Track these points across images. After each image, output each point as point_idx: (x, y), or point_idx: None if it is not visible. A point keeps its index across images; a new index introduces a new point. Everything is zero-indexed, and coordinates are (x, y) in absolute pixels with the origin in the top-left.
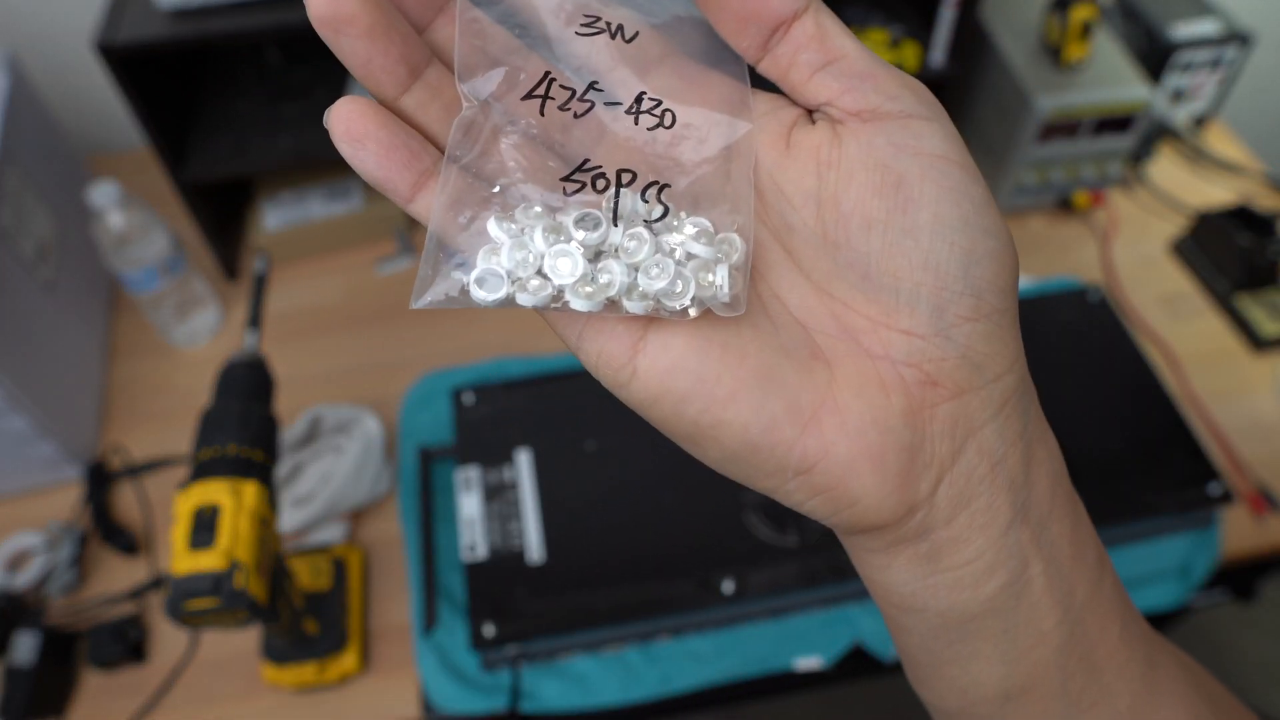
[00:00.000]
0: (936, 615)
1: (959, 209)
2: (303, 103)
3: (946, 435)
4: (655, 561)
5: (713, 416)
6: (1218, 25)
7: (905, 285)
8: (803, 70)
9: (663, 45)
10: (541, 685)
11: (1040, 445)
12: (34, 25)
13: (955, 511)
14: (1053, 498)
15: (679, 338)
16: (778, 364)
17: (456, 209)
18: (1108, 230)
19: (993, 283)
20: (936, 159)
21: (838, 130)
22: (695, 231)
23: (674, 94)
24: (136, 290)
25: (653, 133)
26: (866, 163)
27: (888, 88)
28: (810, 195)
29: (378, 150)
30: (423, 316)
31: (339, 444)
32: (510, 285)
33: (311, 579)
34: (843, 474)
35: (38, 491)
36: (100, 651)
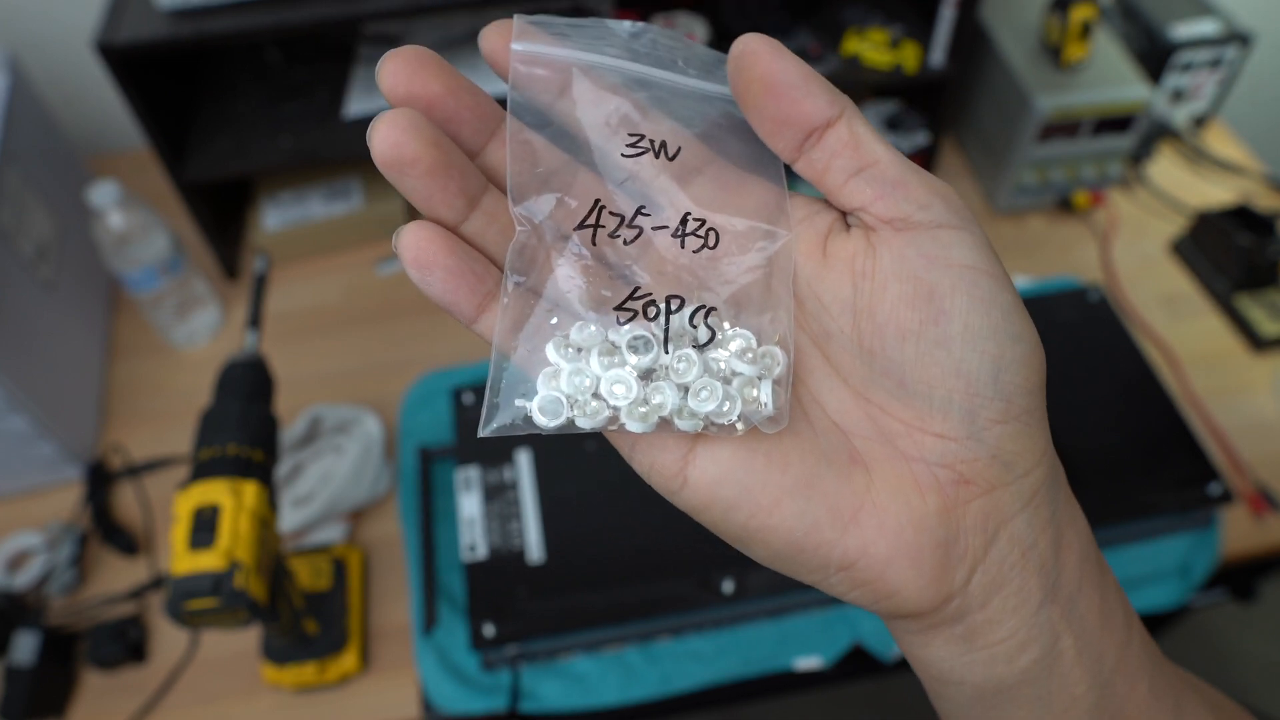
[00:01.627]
0: (973, 688)
1: (989, 318)
2: (303, 103)
3: (979, 529)
4: (655, 561)
5: (759, 522)
6: (1218, 25)
7: (938, 392)
8: (837, 175)
9: (704, 154)
10: (541, 685)
11: (1069, 527)
12: (34, 25)
13: (989, 596)
14: (1081, 573)
15: (725, 450)
16: (818, 471)
17: (516, 331)
18: (1107, 230)
19: (1021, 386)
20: (966, 269)
21: (871, 239)
22: (740, 348)
23: (715, 203)
24: (136, 290)
25: (698, 253)
26: (900, 274)
27: (919, 196)
28: (847, 305)
29: (444, 276)
30: (423, 317)
31: (339, 444)
32: (570, 409)
33: (311, 579)
34: (882, 570)
35: (38, 491)
36: (100, 651)
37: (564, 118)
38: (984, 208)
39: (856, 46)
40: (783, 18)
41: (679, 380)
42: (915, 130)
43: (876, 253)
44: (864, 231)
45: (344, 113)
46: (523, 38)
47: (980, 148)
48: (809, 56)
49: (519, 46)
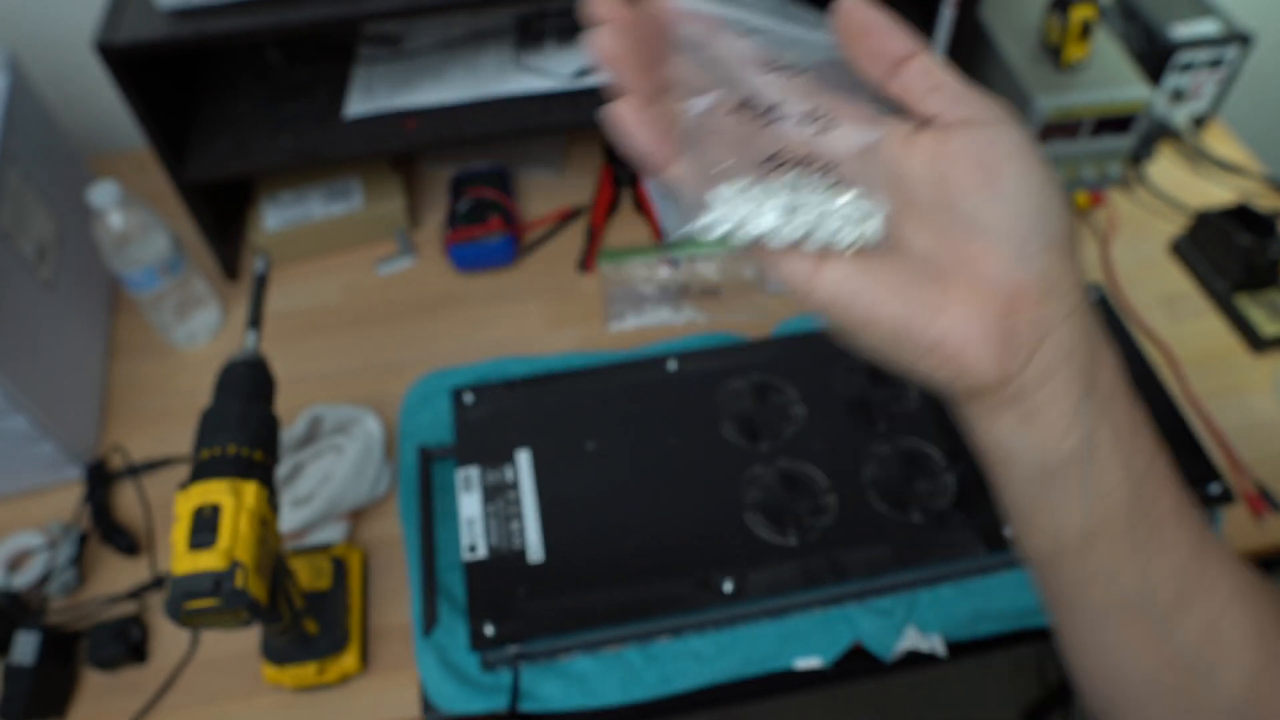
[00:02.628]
0: (1028, 466)
1: (1033, 179)
2: (303, 103)
3: (1032, 330)
4: (655, 561)
5: (869, 316)
6: (1218, 25)
7: (998, 230)
8: (918, 92)
9: (818, 80)
10: (541, 685)
11: (1102, 348)
12: (34, 25)
13: (1041, 384)
14: (1114, 385)
15: (844, 266)
16: (912, 280)
17: (696, 175)
18: (1107, 230)
19: (1058, 227)
20: (1015, 148)
21: (943, 134)
22: (853, 195)
23: (829, 111)
24: (136, 290)
25: (817, 136)
26: (966, 153)
27: (978, 104)
28: (927, 176)
29: (648, 134)
30: (423, 317)
31: (339, 444)
32: (733, 228)
33: (311, 579)
34: (961, 349)
35: (38, 491)
36: (100, 651)
37: (715, 51)
38: None
39: None
40: None
41: (812, 213)
42: None
43: (949, 140)
44: (937, 130)
45: (344, 113)
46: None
47: None
48: None
49: (684, 5)
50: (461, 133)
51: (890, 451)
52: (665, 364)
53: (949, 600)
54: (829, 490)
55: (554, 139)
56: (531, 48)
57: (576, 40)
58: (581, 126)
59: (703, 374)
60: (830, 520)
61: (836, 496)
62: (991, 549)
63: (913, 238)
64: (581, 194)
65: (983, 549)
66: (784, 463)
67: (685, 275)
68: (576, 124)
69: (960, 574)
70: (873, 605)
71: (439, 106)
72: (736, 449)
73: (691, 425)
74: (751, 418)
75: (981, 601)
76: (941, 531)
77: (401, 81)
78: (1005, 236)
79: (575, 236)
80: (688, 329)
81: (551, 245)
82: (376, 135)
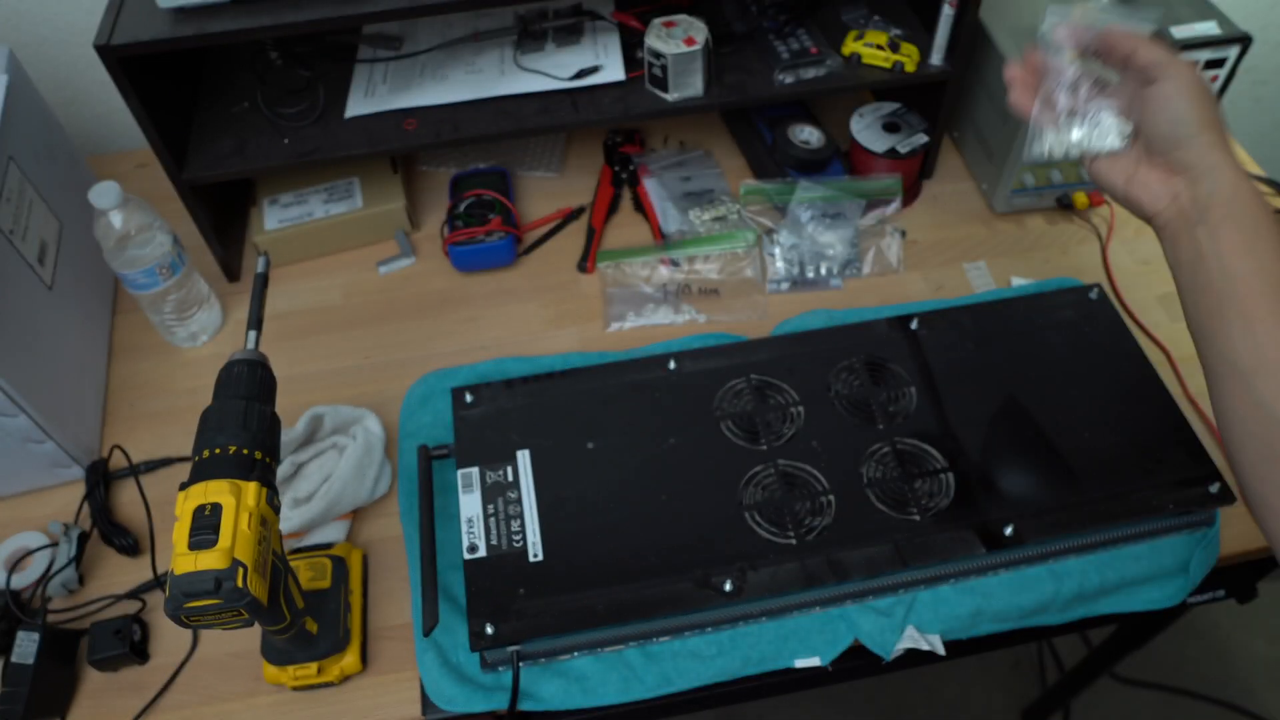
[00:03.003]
0: (1199, 289)
1: (1179, 107)
2: (303, 103)
3: (1184, 187)
4: (655, 561)
5: (1108, 183)
6: (1217, 26)
7: (1158, 139)
8: (1137, 67)
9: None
10: (541, 685)
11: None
12: (34, 25)
13: (1166, 221)
14: (1223, 219)
15: (1103, 161)
16: (1126, 166)
17: (1046, 119)
18: (1107, 230)
19: (1205, 123)
20: (1173, 88)
21: (1145, 89)
22: (1116, 121)
23: (1105, 90)
24: (137, 290)
25: (1099, 98)
26: (1151, 98)
27: (1158, 58)
28: (1140, 113)
29: (1029, 100)
30: (423, 317)
31: (339, 444)
32: (1058, 141)
33: (311, 579)
34: (1138, 201)
35: (38, 491)
36: (100, 651)
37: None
38: (984, 208)
39: (856, 47)
40: (783, 18)
41: (1094, 131)
42: (915, 130)
43: (1145, 98)
44: (1143, 87)
45: (344, 113)
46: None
47: (980, 148)
48: (809, 56)
49: (1057, 28)
50: (461, 133)
51: (890, 451)
52: (665, 364)
53: (948, 600)
54: (829, 490)
55: (554, 139)
56: (531, 48)
57: (576, 40)
58: (581, 126)
59: (703, 374)
60: (830, 520)
61: (836, 496)
62: (991, 549)
63: (1137, 141)
64: (581, 194)
65: (982, 549)
66: (784, 463)
67: (685, 275)
68: (576, 124)
69: (960, 574)
70: (872, 605)
71: (439, 106)
72: (736, 449)
73: (691, 425)
74: (751, 418)
75: (981, 601)
76: (941, 531)
77: (401, 81)
78: (1162, 143)
79: (575, 236)
80: (688, 329)
81: (551, 245)
82: (376, 135)
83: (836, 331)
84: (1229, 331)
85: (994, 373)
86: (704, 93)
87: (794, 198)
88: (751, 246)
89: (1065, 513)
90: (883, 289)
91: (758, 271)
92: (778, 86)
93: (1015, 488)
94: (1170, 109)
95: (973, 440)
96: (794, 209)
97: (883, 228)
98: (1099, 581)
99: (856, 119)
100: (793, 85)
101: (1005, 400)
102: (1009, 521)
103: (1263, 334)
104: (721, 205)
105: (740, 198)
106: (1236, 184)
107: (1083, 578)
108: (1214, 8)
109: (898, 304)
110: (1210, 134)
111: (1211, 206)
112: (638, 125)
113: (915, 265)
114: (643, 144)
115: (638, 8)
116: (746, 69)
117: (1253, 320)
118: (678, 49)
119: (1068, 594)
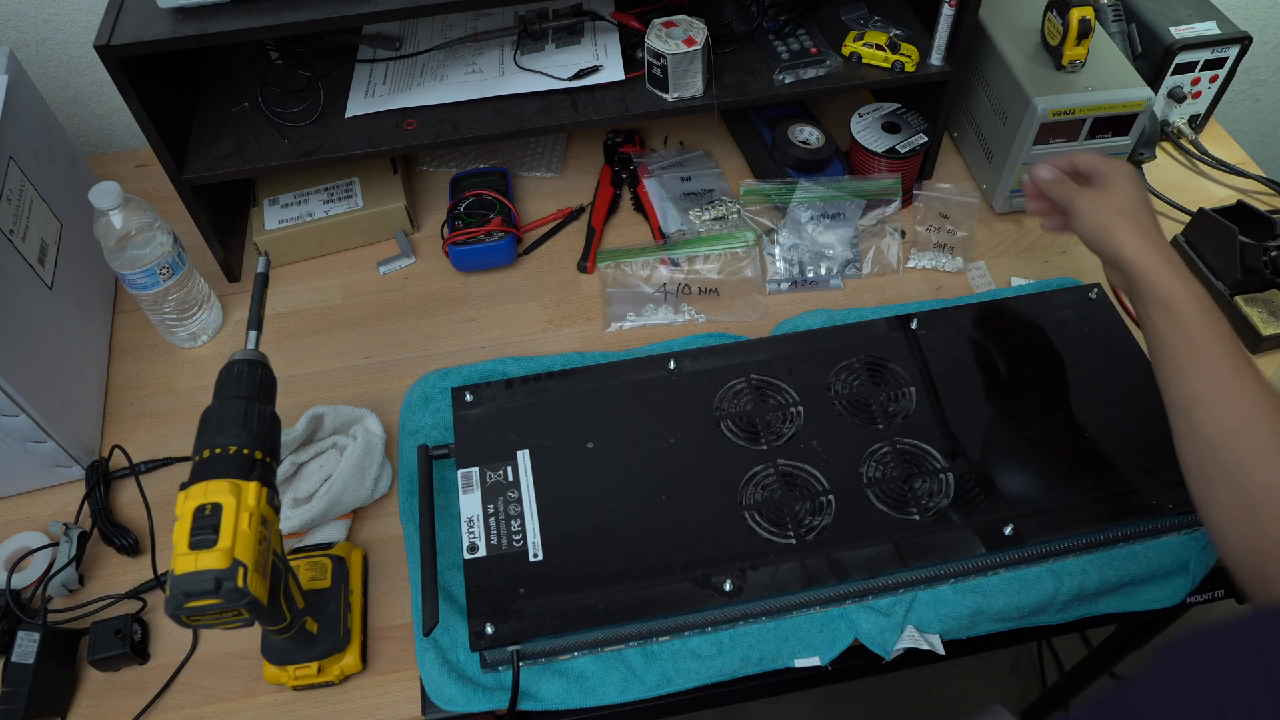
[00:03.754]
0: (1148, 343)
1: (1095, 220)
2: (303, 103)
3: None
4: (655, 561)
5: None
6: (1217, 26)
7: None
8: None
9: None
10: (541, 685)
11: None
12: (34, 25)
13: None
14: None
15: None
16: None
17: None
18: None
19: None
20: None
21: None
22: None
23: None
24: (137, 290)
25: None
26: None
27: (1100, 169)
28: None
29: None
30: (423, 317)
31: (339, 444)
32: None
33: (311, 579)
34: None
35: (38, 491)
36: (100, 651)
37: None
38: (984, 208)
39: (856, 47)
40: (783, 18)
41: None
42: (915, 130)
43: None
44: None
45: (344, 113)
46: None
47: (980, 148)
48: (809, 56)
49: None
50: (461, 133)
51: (890, 451)
52: (665, 364)
53: (948, 600)
54: (829, 490)
55: (554, 139)
56: (531, 48)
57: (576, 40)
58: (581, 126)
59: (702, 374)
60: (830, 520)
61: (836, 496)
62: (991, 549)
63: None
64: (581, 194)
65: (982, 549)
66: (784, 463)
67: (685, 275)
68: (576, 124)
69: (960, 574)
70: (872, 605)
71: (439, 106)
72: (736, 449)
73: (691, 425)
74: (751, 418)
75: (981, 601)
76: (941, 531)
77: (401, 81)
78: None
79: (575, 236)
80: (687, 329)
81: (551, 245)
82: (376, 135)
83: (836, 331)
84: (1166, 376)
85: (994, 373)
86: (704, 93)
87: (794, 198)
88: (751, 246)
89: (1065, 512)
90: (883, 289)
91: (758, 271)
92: (778, 86)
93: (1015, 487)
94: (1079, 222)
95: (972, 440)
96: (794, 209)
97: (883, 228)
98: (1099, 581)
99: (856, 119)
100: (793, 85)
101: (1005, 400)
102: (1009, 521)
103: (1188, 377)
104: (721, 205)
105: (740, 198)
106: (1145, 270)
107: (1083, 577)
108: (1214, 8)
109: (898, 304)
110: (1119, 234)
111: (1135, 287)
112: (638, 125)
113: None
114: (643, 144)
115: (638, 8)
116: (746, 69)
117: (1180, 368)
118: (678, 49)
119: (1067, 594)
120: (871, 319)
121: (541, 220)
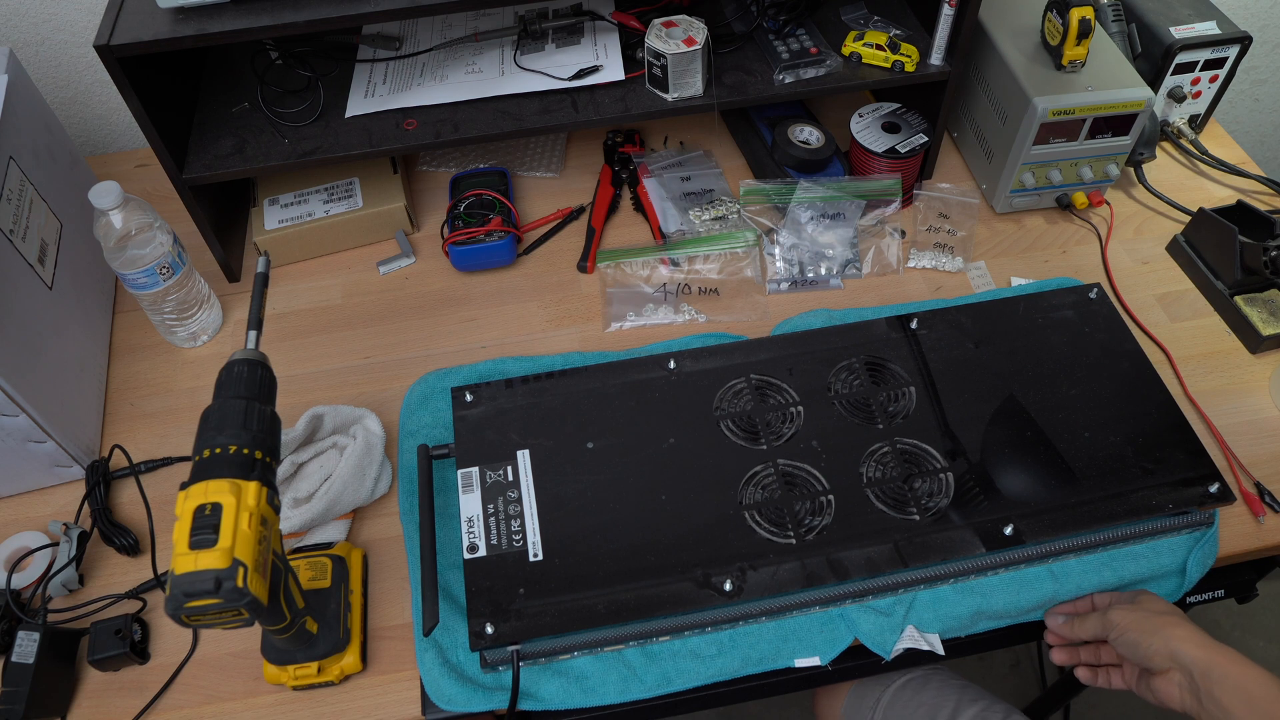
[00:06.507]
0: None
1: (1140, 649)
2: (303, 103)
3: (1178, 679)
4: (655, 561)
5: (1151, 697)
6: (1217, 26)
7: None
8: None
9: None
10: (541, 685)
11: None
12: (34, 25)
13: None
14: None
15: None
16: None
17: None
18: (1107, 230)
19: (1158, 634)
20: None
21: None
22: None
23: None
24: (137, 290)
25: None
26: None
27: (1125, 593)
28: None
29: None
30: (423, 317)
31: (339, 444)
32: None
33: (311, 579)
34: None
35: (38, 491)
36: (100, 651)
37: None
38: (983, 208)
39: (856, 47)
40: (783, 18)
41: None
42: (915, 130)
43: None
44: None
45: (344, 113)
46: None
47: (980, 148)
48: (809, 56)
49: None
50: (461, 133)
51: (890, 451)
52: (665, 364)
53: (948, 600)
54: (828, 490)
55: (554, 139)
56: (531, 48)
57: (576, 40)
58: (581, 126)
59: (702, 374)
60: (830, 520)
61: (836, 496)
62: (991, 548)
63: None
64: (581, 194)
65: (982, 548)
66: (784, 462)
67: (685, 275)
68: (576, 124)
69: (960, 573)
70: (872, 605)
71: (439, 106)
72: (736, 449)
73: (691, 425)
74: (751, 417)
75: (981, 601)
76: (941, 531)
77: (401, 81)
78: (1138, 662)
79: (575, 236)
80: (687, 329)
81: (551, 245)
82: (376, 135)
83: (836, 331)
84: None
85: (994, 373)
86: (704, 93)
87: (794, 198)
88: (751, 246)
89: (1065, 512)
90: (883, 289)
91: (758, 271)
92: (778, 86)
93: (1015, 487)
94: (1124, 633)
95: (972, 440)
96: (794, 209)
97: (882, 228)
98: (1098, 581)
99: (856, 119)
100: (793, 85)
101: (1005, 400)
102: (1009, 521)
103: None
104: (721, 205)
105: (740, 198)
106: (1213, 662)
107: (1082, 577)
108: (1214, 8)
109: (898, 304)
110: (1175, 631)
111: (1206, 681)
112: (638, 125)
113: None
114: (643, 144)
115: (638, 8)
116: (746, 69)
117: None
118: (678, 49)
119: (1067, 594)
120: (871, 319)
121: (541, 220)
